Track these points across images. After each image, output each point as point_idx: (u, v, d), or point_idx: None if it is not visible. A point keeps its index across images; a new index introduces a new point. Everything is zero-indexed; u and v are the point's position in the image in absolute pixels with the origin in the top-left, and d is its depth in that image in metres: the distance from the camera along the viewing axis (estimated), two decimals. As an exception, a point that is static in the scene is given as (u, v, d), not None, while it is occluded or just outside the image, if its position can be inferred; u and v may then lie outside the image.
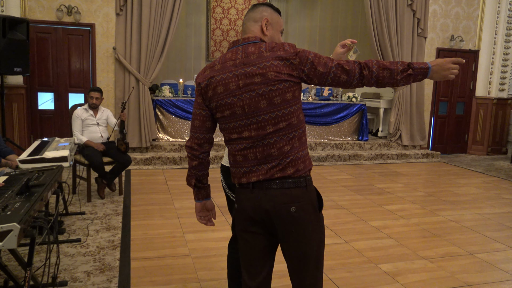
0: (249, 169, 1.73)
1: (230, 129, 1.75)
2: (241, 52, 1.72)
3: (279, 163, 1.69)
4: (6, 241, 1.91)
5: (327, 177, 6.16)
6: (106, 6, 6.49)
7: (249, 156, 1.72)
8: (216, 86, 1.73)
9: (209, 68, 1.79)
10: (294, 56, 1.67)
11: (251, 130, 1.70)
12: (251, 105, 1.68)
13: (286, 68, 1.66)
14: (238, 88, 1.69)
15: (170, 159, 6.58)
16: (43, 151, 3.63)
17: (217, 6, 9.09)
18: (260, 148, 1.70)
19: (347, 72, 1.69)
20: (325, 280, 3.08)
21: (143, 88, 6.60)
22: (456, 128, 8.82)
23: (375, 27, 7.61)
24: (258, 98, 1.67)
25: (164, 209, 4.53)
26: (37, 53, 6.38)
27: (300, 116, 1.74)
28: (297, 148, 1.71)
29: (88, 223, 4.03)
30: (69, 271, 3.05)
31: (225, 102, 1.72)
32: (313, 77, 1.70)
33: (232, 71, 1.70)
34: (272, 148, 1.69)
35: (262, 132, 1.69)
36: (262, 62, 1.67)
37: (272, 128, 1.68)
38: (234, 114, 1.71)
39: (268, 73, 1.66)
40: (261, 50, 1.69)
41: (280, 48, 1.69)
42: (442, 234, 4.09)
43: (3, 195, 2.39)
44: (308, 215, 1.72)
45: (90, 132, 4.88)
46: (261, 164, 1.71)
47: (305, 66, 1.68)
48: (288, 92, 1.67)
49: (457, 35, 8.37)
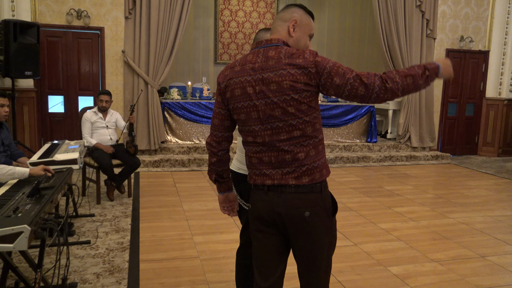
0: (263, 172, 1.72)
1: (246, 132, 1.75)
2: (262, 56, 1.69)
3: (294, 170, 1.67)
4: (17, 242, 1.93)
5: (336, 179, 6.13)
6: (115, 10, 6.55)
7: (264, 159, 1.71)
8: (234, 89, 1.72)
9: (230, 68, 1.77)
10: (312, 64, 1.61)
11: (265, 135, 1.69)
12: (266, 112, 1.66)
13: (303, 77, 1.61)
14: (254, 93, 1.67)
15: (178, 162, 6.60)
16: (53, 154, 3.66)
17: (225, 8, 9.12)
18: (275, 153, 1.69)
19: (366, 86, 1.61)
20: (334, 282, 3.06)
21: (152, 90, 6.63)
22: (466, 129, 8.73)
23: (383, 28, 7.58)
24: (272, 105, 1.64)
25: (173, 211, 4.55)
26: (47, 56, 6.45)
27: (317, 125, 1.69)
28: (313, 157, 1.68)
29: (98, 225, 4.06)
30: (78, 272, 3.07)
31: (241, 105, 1.71)
32: (329, 88, 1.63)
33: (250, 74, 1.68)
34: (286, 154, 1.67)
35: (276, 138, 1.67)
36: (279, 69, 1.63)
37: (286, 135, 1.66)
38: (250, 118, 1.71)
39: (283, 82, 1.61)
40: (280, 56, 1.65)
41: (300, 55, 1.63)
42: (452, 237, 4.05)
43: (14, 197, 2.42)
44: (321, 220, 1.71)
45: (100, 135, 4.92)
46: (276, 168, 1.69)
47: (322, 76, 1.62)
48: (304, 102, 1.63)
49: (467, 35, 8.30)
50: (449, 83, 8.38)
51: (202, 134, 7.19)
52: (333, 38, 9.98)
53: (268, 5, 9.40)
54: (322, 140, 1.73)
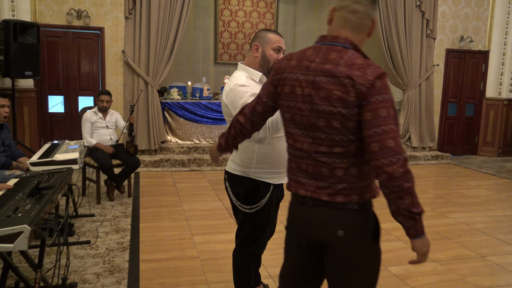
0: (299, 180, 1.59)
1: (287, 133, 1.62)
2: (322, 55, 1.49)
3: (330, 186, 1.50)
4: (17, 242, 1.93)
5: (336, 179, 6.14)
6: (115, 10, 6.54)
7: (301, 166, 1.57)
8: (285, 85, 1.57)
9: (287, 60, 1.60)
10: (368, 83, 1.40)
11: (304, 142, 1.54)
12: (309, 119, 1.50)
13: (353, 93, 1.41)
14: (301, 96, 1.51)
15: (178, 162, 6.60)
16: (53, 154, 3.66)
17: (225, 8, 9.12)
18: (313, 162, 1.53)
19: (386, 148, 1.37)
20: (334, 282, 3.06)
21: (152, 90, 6.63)
22: (465, 129, 8.73)
23: (383, 28, 7.58)
24: (317, 114, 1.47)
25: (173, 211, 4.55)
26: (48, 56, 6.45)
27: (363, 146, 1.46)
28: (354, 177, 1.49)
29: (98, 225, 4.06)
30: (78, 272, 3.07)
31: (288, 104, 1.56)
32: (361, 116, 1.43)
33: (303, 73, 1.50)
34: (323, 167, 1.50)
35: (314, 149, 1.51)
36: (333, 76, 1.44)
37: (326, 149, 1.49)
38: (293, 120, 1.56)
39: (333, 92, 1.43)
40: (340, 62, 1.45)
41: (361, 68, 1.42)
42: (452, 237, 4.05)
43: (14, 197, 2.42)
44: (359, 244, 1.51)
45: (100, 135, 4.92)
46: (311, 179, 1.54)
47: (365, 100, 1.40)
48: (351, 119, 1.43)
49: (467, 35, 8.30)
50: (450, 83, 8.39)
51: (202, 134, 7.19)
52: (333, 38, 9.98)
53: (268, 5, 9.40)
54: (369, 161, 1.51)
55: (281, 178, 2.26)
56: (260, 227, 2.28)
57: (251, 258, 2.36)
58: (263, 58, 2.18)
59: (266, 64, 2.19)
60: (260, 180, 2.19)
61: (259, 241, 2.32)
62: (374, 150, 1.39)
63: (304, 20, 9.89)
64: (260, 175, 2.19)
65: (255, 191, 2.19)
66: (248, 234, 2.30)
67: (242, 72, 2.19)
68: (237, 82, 2.10)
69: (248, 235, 2.30)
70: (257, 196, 2.19)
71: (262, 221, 2.26)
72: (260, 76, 2.19)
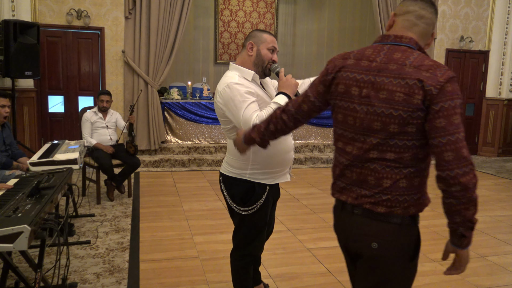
0: (342, 186, 1.53)
1: (338, 135, 1.55)
2: (384, 55, 1.42)
3: (373, 195, 1.43)
4: (17, 242, 1.93)
5: (336, 179, 6.13)
6: (115, 10, 6.54)
7: (346, 172, 1.51)
8: (339, 83, 1.49)
9: (342, 58, 1.52)
10: (438, 85, 1.32)
11: (354, 147, 1.47)
12: (364, 122, 1.42)
13: (420, 96, 1.33)
14: (359, 96, 1.43)
15: (178, 162, 6.60)
16: (53, 154, 3.67)
17: (225, 8, 9.12)
18: (358, 169, 1.46)
19: (461, 158, 1.30)
20: (334, 282, 3.06)
21: (152, 90, 6.63)
22: (465, 129, 8.62)
23: (383, 29, 7.58)
24: (374, 117, 1.39)
25: (173, 211, 4.55)
26: (47, 56, 6.45)
27: (420, 155, 1.39)
28: (403, 189, 1.40)
29: (98, 225, 4.06)
30: (78, 272, 3.07)
31: (341, 104, 1.49)
32: (426, 122, 1.35)
33: (361, 73, 1.43)
34: (369, 175, 1.43)
35: (364, 155, 1.44)
36: (397, 77, 1.36)
37: (376, 154, 1.41)
38: (345, 122, 1.49)
39: (396, 93, 1.35)
40: (406, 62, 1.37)
41: (430, 69, 1.34)
42: (452, 237, 4.05)
43: (14, 197, 2.42)
44: (393, 260, 1.43)
45: (100, 135, 4.92)
46: (355, 185, 1.48)
47: (433, 105, 1.32)
48: (411, 123, 1.36)
49: (467, 35, 8.30)
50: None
51: (202, 134, 7.19)
52: (333, 38, 9.98)
53: (268, 5, 9.40)
54: (424, 175, 1.44)
55: (277, 178, 2.25)
56: (257, 228, 2.27)
57: (249, 259, 2.36)
58: (258, 57, 2.18)
59: (261, 63, 2.18)
60: (255, 181, 2.19)
61: (256, 242, 2.32)
62: (448, 159, 1.30)
63: (304, 20, 9.89)
64: (256, 176, 2.19)
65: (251, 192, 2.19)
66: (245, 235, 2.30)
67: (235, 72, 2.18)
68: (230, 81, 2.09)
69: (245, 237, 2.31)
70: (253, 197, 2.19)
71: (259, 222, 2.26)
72: (253, 75, 2.17)
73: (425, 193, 1.47)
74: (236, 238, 2.37)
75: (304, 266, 3.32)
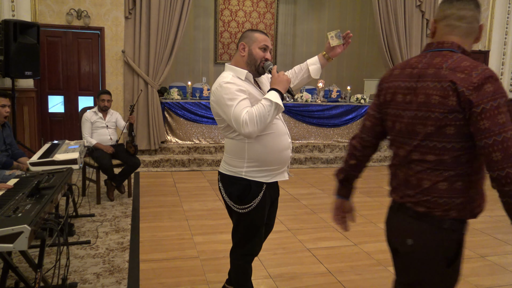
0: (394, 185, 1.59)
1: (390, 141, 1.61)
2: (425, 61, 1.47)
3: (415, 195, 1.47)
4: (17, 242, 1.93)
5: (336, 179, 6.13)
6: (115, 10, 6.54)
7: (397, 173, 1.57)
8: (386, 93, 1.57)
9: (390, 70, 1.62)
10: (471, 86, 1.33)
11: (401, 149, 1.53)
12: (408, 126, 1.48)
13: (454, 98, 1.34)
14: (403, 103, 1.49)
15: (178, 162, 6.60)
16: (53, 154, 3.66)
17: (225, 8, 9.12)
18: (404, 170, 1.52)
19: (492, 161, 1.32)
20: (334, 282, 3.06)
21: (152, 90, 6.64)
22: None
23: (383, 28, 7.58)
24: (416, 120, 1.44)
25: (173, 211, 4.55)
26: (47, 56, 6.45)
27: (462, 158, 1.40)
28: (443, 192, 1.42)
29: (98, 225, 4.06)
30: (78, 272, 3.07)
31: (389, 111, 1.56)
32: (471, 125, 1.35)
33: (405, 81, 1.49)
34: (412, 176, 1.48)
35: (408, 156, 1.49)
36: (434, 81, 1.40)
37: (418, 156, 1.45)
38: (394, 128, 1.55)
39: (432, 96, 1.39)
40: (443, 65, 1.40)
41: (466, 70, 1.36)
42: (452, 237, 4.05)
43: (14, 197, 2.42)
44: (428, 262, 1.43)
45: (100, 135, 4.92)
46: (402, 185, 1.53)
47: (473, 108, 1.32)
48: (450, 125, 1.37)
49: (467, 35, 8.30)
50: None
51: (202, 134, 7.20)
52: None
53: (268, 5, 9.41)
54: (469, 179, 1.43)
55: (274, 176, 2.26)
56: (254, 227, 2.29)
57: (248, 257, 2.37)
58: (250, 56, 2.22)
59: (253, 62, 2.23)
60: (252, 179, 2.20)
61: (254, 241, 2.33)
62: (496, 159, 1.31)
63: (304, 20, 9.90)
64: (252, 174, 2.20)
65: (248, 190, 2.20)
66: (243, 233, 2.32)
67: (229, 72, 2.23)
68: (222, 80, 2.14)
69: (243, 235, 2.32)
70: (249, 195, 2.20)
71: (256, 220, 2.27)
72: (246, 74, 2.22)
73: (473, 199, 1.46)
74: (235, 237, 2.39)
75: (304, 266, 3.32)
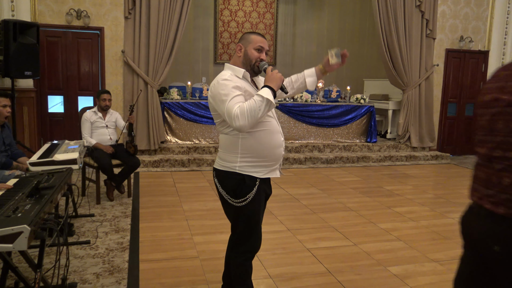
0: (474, 186, 1.57)
1: (476, 141, 1.61)
2: None
3: (494, 194, 1.45)
4: (17, 242, 1.93)
5: (336, 179, 6.14)
6: (115, 10, 6.54)
7: (478, 172, 1.56)
8: (479, 95, 1.59)
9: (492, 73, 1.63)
10: None
11: (483, 147, 1.54)
12: (490, 123, 1.49)
13: None
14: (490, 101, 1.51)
15: (178, 162, 6.60)
16: (53, 154, 3.66)
17: (225, 8, 9.12)
18: (485, 169, 1.52)
19: None
20: (334, 282, 3.06)
21: (152, 90, 6.63)
22: (465, 129, 8.74)
23: (383, 29, 7.58)
24: (497, 116, 1.46)
25: (173, 211, 4.55)
26: (47, 56, 6.45)
27: None
28: None
29: (97, 225, 4.06)
30: (78, 272, 3.07)
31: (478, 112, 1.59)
32: None
33: (495, 81, 1.52)
34: (494, 175, 1.47)
35: (490, 154, 1.50)
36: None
37: (499, 153, 1.45)
38: (480, 126, 1.57)
39: None
40: None
41: None
42: (452, 237, 4.05)
43: (13, 197, 2.42)
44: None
45: (99, 135, 4.92)
46: (482, 185, 1.52)
47: None
48: None
49: (467, 35, 8.30)
50: (449, 83, 8.39)
51: (202, 134, 7.20)
52: (333, 38, 9.99)
53: (267, 5, 9.41)
54: None
55: (267, 172, 2.32)
56: (252, 221, 2.32)
57: (249, 254, 2.39)
58: (245, 56, 2.34)
59: (248, 62, 2.33)
60: (245, 174, 2.26)
61: (254, 237, 2.36)
62: None
63: (304, 20, 9.90)
64: (245, 169, 2.26)
65: (242, 184, 2.26)
66: (243, 230, 2.35)
67: (228, 70, 2.35)
68: (221, 77, 2.25)
69: (242, 231, 2.35)
70: (244, 189, 2.26)
71: (253, 214, 2.31)
72: (243, 73, 2.32)
73: None
74: (234, 234, 2.41)
75: (304, 266, 3.32)
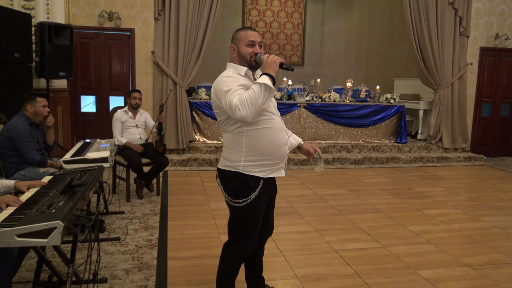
0: None
1: None
2: None
3: None
4: (51, 238, 1.98)
5: (364, 180, 6.04)
6: (145, 11, 6.66)
7: None
8: None
9: None
10: None
11: None
12: None
13: None
14: None
15: (206, 161, 6.66)
16: (85, 152, 3.76)
17: (253, 8, 9.13)
18: None
19: None
20: (362, 285, 3.02)
21: (180, 90, 6.72)
22: (500, 130, 8.44)
23: (414, 27, 7.41)
24: None
25: (200, 209, 4.59)
26: (80, 57, 6.63)
27: None
28: None
29: (127, 222, 4.14)
30: (109, 268, 3.14)
31: None
32: None
33: None
34: None
35: None
36: None
37: None
38: None
39: None
40: None
41: None
42: (486, 241, 3.92)
43: (48, 194, 2.49)
44: None
45: (130, 134, 5.01)
46: None
47: None
48: None
49: (502, 33, 8.01)
50: (483, 82, 8.12)
51: (230, 133, 7.22)
52: (362, 37, 9.83)
53: (296, 4, 9.36)
54: None
55: (272, 171, 2.29)
56: (251, 222, 2.30)
57: (240, 256, 2.39)
58: (239, 55, 2.32)
59: (244, 60, 2.31)
60: (249, 174, 2.24)
61: (250, 237, 2.34)
62: None
63: (333, 19, 9.79)
64: (249, 169, 2.24)
65: (245, 185, 2.24)
66: (240, 229, 2.33)
67: (230, 69, 2.34)
68: (224, 75, 2.26)
69: (239, 231, 2.34)
70: (246, 190, 2.24)
71: (253, 215, 2.29)
72: (246, 70, 2.31)
73: None
74: (230, 232, 2.40)
75: (331, 267, 3.29)
